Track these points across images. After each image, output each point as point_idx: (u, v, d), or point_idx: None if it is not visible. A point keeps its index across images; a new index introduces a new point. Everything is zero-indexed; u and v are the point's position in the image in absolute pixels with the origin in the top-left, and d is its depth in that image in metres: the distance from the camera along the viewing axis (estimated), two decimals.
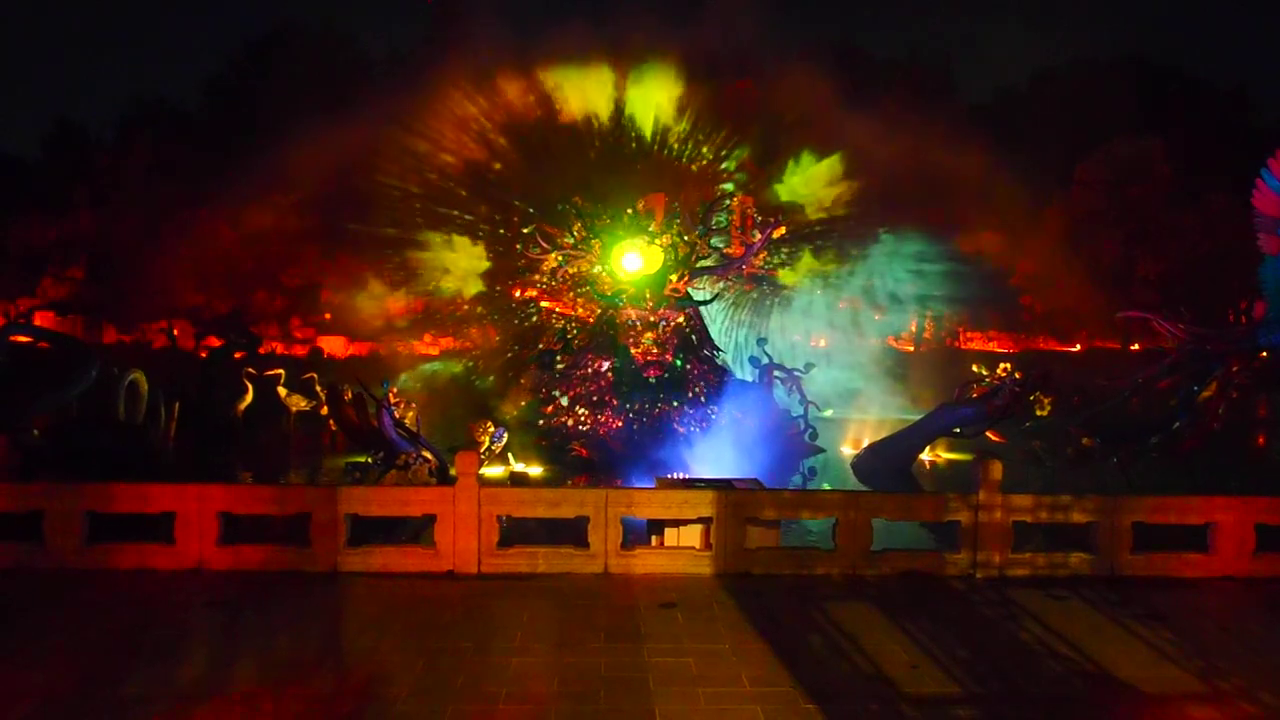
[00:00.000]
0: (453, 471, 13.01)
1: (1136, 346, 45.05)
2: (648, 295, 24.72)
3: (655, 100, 40.83)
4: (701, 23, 43.53)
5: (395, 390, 19.97)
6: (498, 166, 40.96)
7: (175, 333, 44.57)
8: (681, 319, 25.20)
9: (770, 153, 40.80)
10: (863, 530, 12.24)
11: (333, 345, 47.12)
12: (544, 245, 26.96)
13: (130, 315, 46.56)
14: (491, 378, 36.33)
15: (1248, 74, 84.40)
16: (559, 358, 27.74)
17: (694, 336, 25.84)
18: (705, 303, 27.15)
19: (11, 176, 48.24)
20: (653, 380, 24.28)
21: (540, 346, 31.92)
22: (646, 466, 20.56)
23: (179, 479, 13.81)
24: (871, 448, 23.47)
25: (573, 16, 43.27)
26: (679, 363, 24.81)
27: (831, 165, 39.50)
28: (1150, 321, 23.35)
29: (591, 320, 28.35)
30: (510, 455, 21.56)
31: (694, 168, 40.18)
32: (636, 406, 23.88)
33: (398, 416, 19.20)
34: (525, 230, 29.93)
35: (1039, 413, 22.27)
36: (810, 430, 25.14)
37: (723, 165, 40.07)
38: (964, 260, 42.16)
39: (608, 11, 42.22)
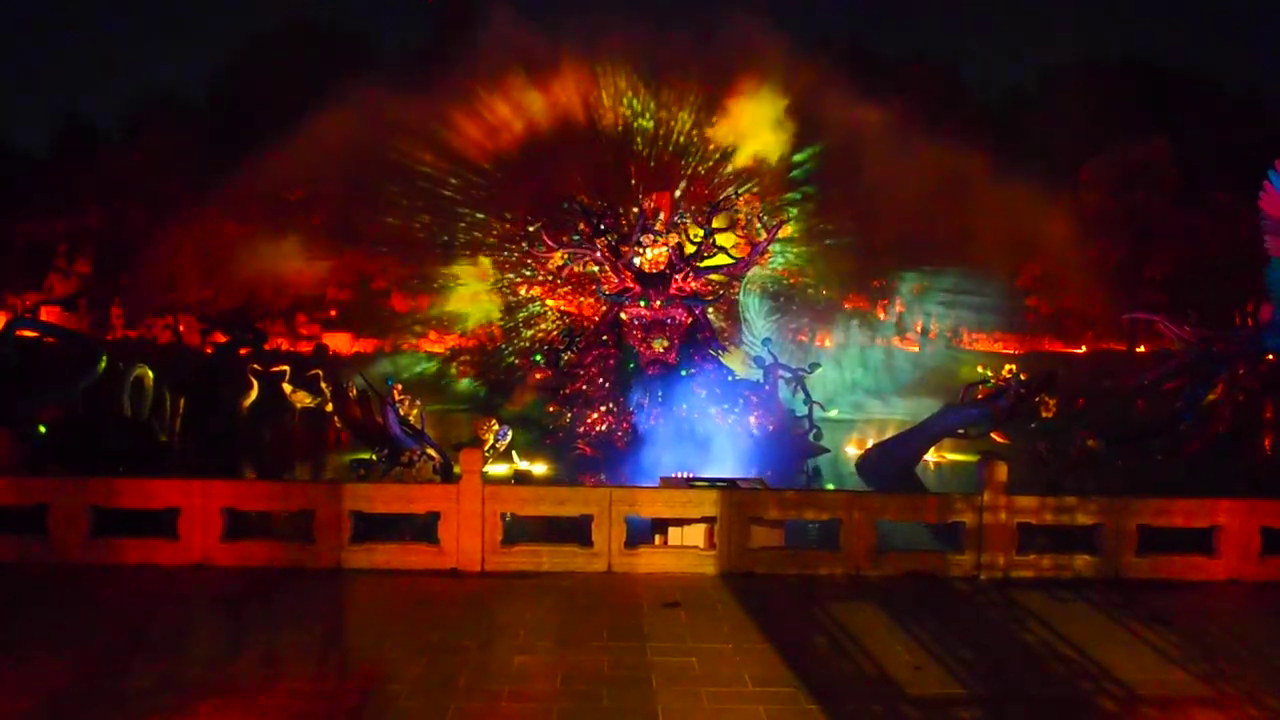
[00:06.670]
0: (457, 469, 13.01)
1: (1142, 348, 44.92)
2: (653, 294, 24.75)
3: (662, 99, 40.87)
4: (713, 24, 43.58)
5: (400, 387, 19.97)
6: (504, 164, 41.01)
7: (181, 328, 44.66)
8: (687, 317, 25.17)
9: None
10: (867, 531, 12.22)
11: (338, 342, 47.12)
12: (549, 243, 26.96)
13: (136, 310, 46.66)
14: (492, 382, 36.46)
15: (1255, 75, 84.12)
16: (564, 355, 27.74)
17: (699, 335, 25.81)
18: (710, 302, 27.13)
19: (18, 171, 48.24)
20: (657, 379, 24.26)
21: (545, 344, 31.97)
22: (650, 465, 20.51)
23: (184, 474, 13.83)
24: (876, 448, 23.42)
25: (574, 18, 43.27)
26: (684, 362, 24.80)
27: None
28: (1156, 323, 23.26)
29: (596, 318, 28.37)
30: (514, 453, 21.54)
31: (701, 169, 40.23)
32: (641, 405, 23.87)
33: (402, 413, 19.21)
34: (531, 228, 29.96)
35: (1044, 414, 22.18)
36: (815, 430, 25.09)
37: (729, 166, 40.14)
38: (971, 264, 42.17)
39: (614, 12, 42.18)
